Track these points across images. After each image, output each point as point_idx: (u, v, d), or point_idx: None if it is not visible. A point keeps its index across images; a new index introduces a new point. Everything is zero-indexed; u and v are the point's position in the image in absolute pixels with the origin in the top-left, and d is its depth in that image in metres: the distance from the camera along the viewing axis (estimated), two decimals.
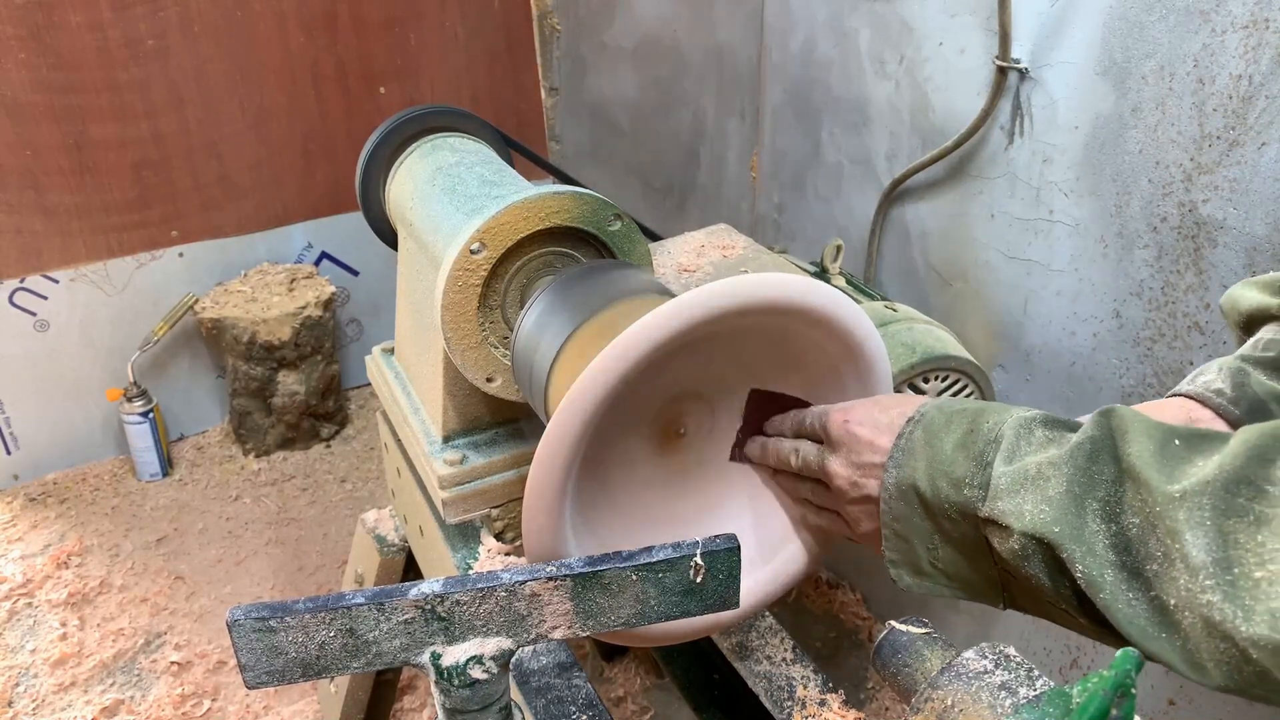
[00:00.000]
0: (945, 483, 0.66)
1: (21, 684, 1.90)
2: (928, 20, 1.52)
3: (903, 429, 0.71)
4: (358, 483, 2.48)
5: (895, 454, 0.70)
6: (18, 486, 2.44)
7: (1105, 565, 0.58)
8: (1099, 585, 0.58)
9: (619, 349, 0.70)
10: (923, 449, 0.68)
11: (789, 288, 0.75)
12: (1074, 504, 0.59)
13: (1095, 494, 0.59)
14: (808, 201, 1.91)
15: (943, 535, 0.69)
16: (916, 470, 0.68)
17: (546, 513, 0.74)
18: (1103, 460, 0.59)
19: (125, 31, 2.21)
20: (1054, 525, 0.59)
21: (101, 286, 2.39)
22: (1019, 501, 0.62)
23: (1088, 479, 0.59)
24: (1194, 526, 0.53)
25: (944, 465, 0.67)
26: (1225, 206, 1.17)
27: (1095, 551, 0.58)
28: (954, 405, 0.70)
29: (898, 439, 0.70)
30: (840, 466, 0.74)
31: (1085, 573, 0.58)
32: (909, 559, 0.71)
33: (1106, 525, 0.58)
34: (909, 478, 0.69)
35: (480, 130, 1.26)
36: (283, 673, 0.61)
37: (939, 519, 0.68)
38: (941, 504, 0.67)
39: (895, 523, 0.71)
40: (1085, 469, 0.60)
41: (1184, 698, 1.39)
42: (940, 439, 0.68)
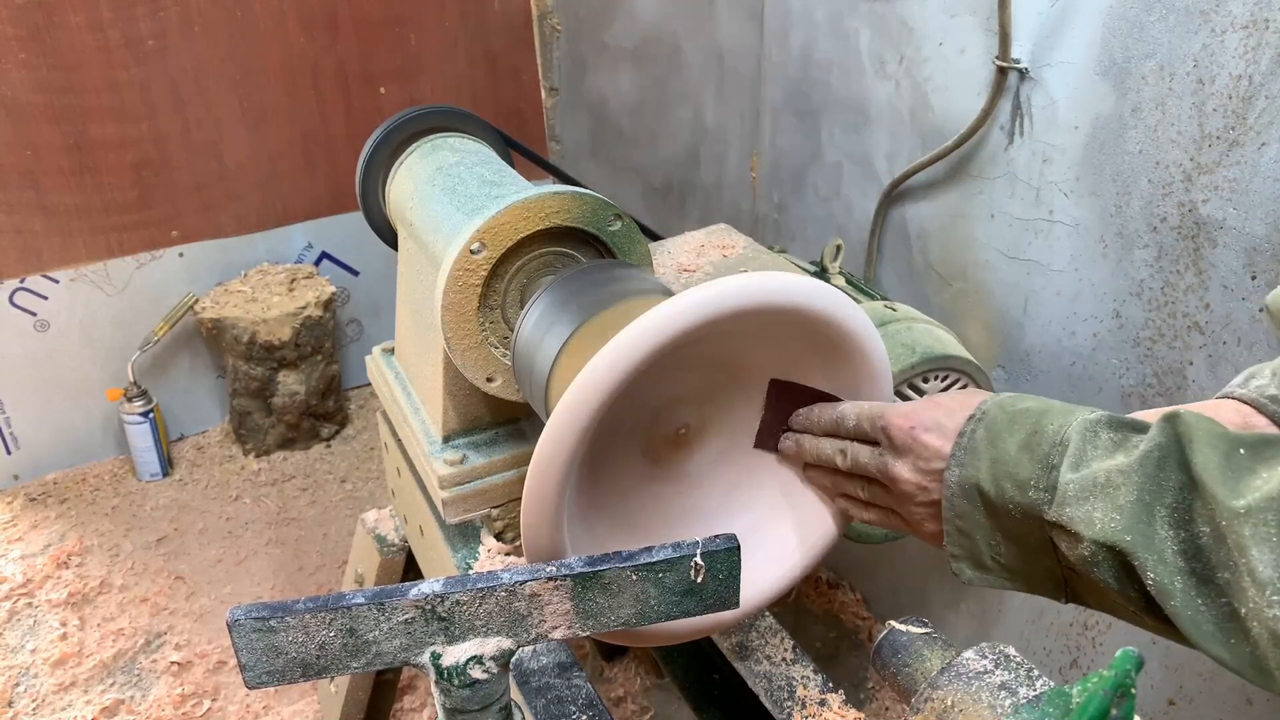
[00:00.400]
0: (1010, 484, 0.66)
1: (22, 684, 1.90)
2: (928, 20, 1.52)
3: (964, 427, 0.71)
4: (358, 483, 2.48)
5: (958, 452, 0.70)
6: (18, 486, 2.44)
7: (1175, 572, 0.58)
8: (1169, 593, 0.58)
9: (619, 349, 0.69)
10: (985, 448, 0.69)
11: (789, 288, 0.75)
12: (1144, 512, 0.60)
13: (1164, 501, 0.59)
14: (808, 201, 1.91)
15: (1005, 533, 0.69)
16: (979, 470, 0.68)
17: (546, 512, 0.74)
18: (1170, 468, 0.60)
19: (125, 31, 2.21)
20: (1125, 534, 0.60)
21: (102, 286, 2.39)
22: (1088, 509, 0.62)
23: (1157, 487, 0.60)
24: (1259, 542, 0.54)
25: (1008, 466, 0.67)
26: (1225, 206, 1.17)
27: (1165, 559, 0.58)
28: (1017, 404, 0.70)
29: (959, 437, 0.70)
30: (907, 472, 0.74)
31: (1156, 580, 0.59)
32: (971, 554, 0.71)
33: (1176, 532, 0.58)
34: (972, 477, 0.69)
35: (480, 130, 1.26)
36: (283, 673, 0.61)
37: (1002, 518, 0.68)
38: (1005, 504, 0.67)
39: (958, 519, 0.71)
40: (1154, 476, 0.60)
41: (1183, 698, 1.39)
42: (1004, 439, 0.68)
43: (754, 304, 0.73)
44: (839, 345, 0.81)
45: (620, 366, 0.70)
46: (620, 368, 0.70)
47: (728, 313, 0.72)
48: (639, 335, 0.70)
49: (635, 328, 0.70)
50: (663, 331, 0.70)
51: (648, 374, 0.72)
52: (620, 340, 0.70)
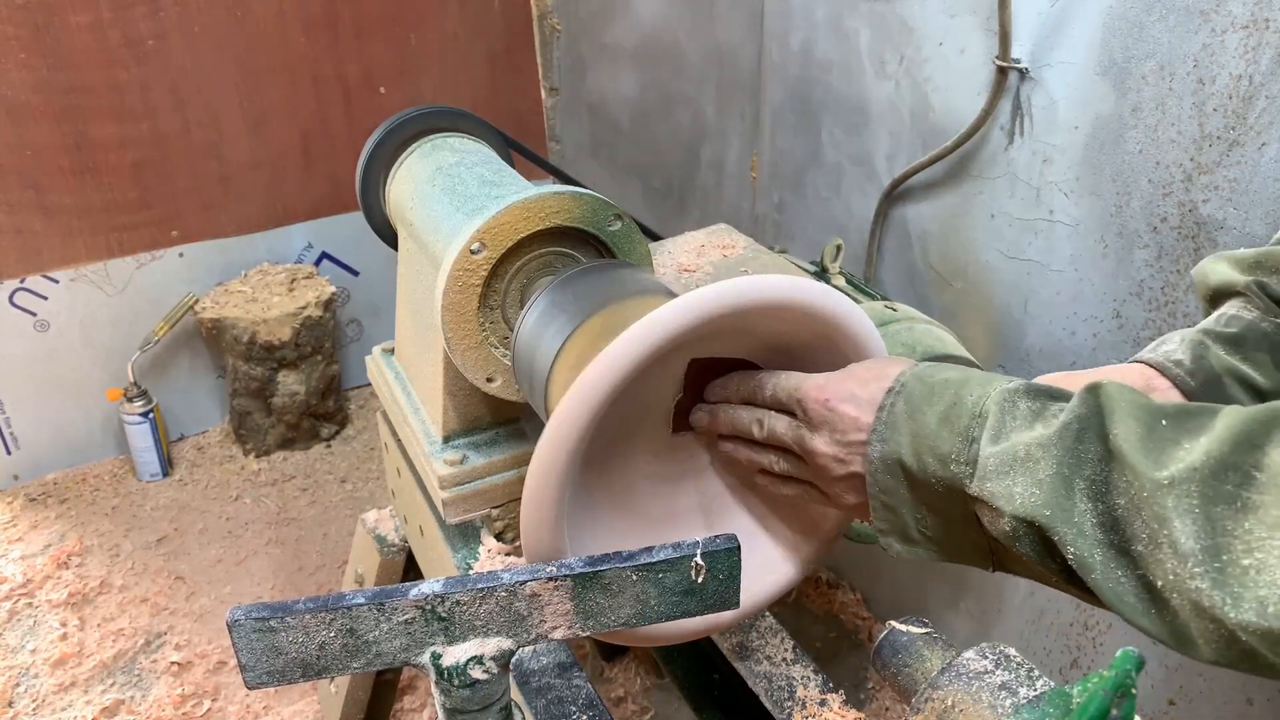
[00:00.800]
0: (931, 458, 0.66)
1: (22, 684, 1.90)
2: (928, 20, 1.52)
3: (884, 400, 0.70)
4: (358, 483, 2.48)
5: (879, 427, 0.69)
6: (18, 486, 2.44)
7: (1094, 545, 0.58)
8: (1089, 566, 0.58)
9: (619, 349, 0.70)
10: (905, 422, 0.68)
11: (789, 288, 0.75)
12: (1063, 485, 0.59)
13: (1082, 473, 0.59)
14: (808, 201, 1.91)
15: (929, 507, 0.69)
16: (901, 444, 0.68)
17: (546, 513, 0.74)
18: (1089, 439, 0.59)
19: (125, 31, 2.21)
20: (1044, 509, 0.59)
21: (101, 286, 2.39)
22: (1008, 484, 0.61)
23: (1075, 459, 0.59)
24: (1182, 514, 0.54)
25: (928, 440, 0.66)
26: (1225, 206, 1.17)
27: (1084, 532, 0.58)
28: (934, 375, 0.70)
29: (879, 411, 0.70)
30: (824, 445, 0.73)
31: (1076, 554, 0.58)
32: (897, 528, 0.71)
33: (1094, 504, 0.58)
34: (894, 452, 0.68)
35: (480, 130, 1.26)
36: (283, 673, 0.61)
37: (925, 491, 0.68)
38: (928, 478, 0.67)
39: (882, 494, 0.70)
40: (1073, 449, 0.59)
41: (1184, 698, 1.39)
42: (923, 412, 0.67)
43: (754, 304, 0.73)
44: (839, 345, 0.81)
45: (620, 367, 0.70)
46: (620, 368, 0.70)
47: (728, 313, 0.72)
48: (639, 336, 0.70)
49: (635, 329, 0.70)
50: (662, 332, 0.70)
51: (647, 374, 0.72)
52: (621, 341, 0.70)
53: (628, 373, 0.70)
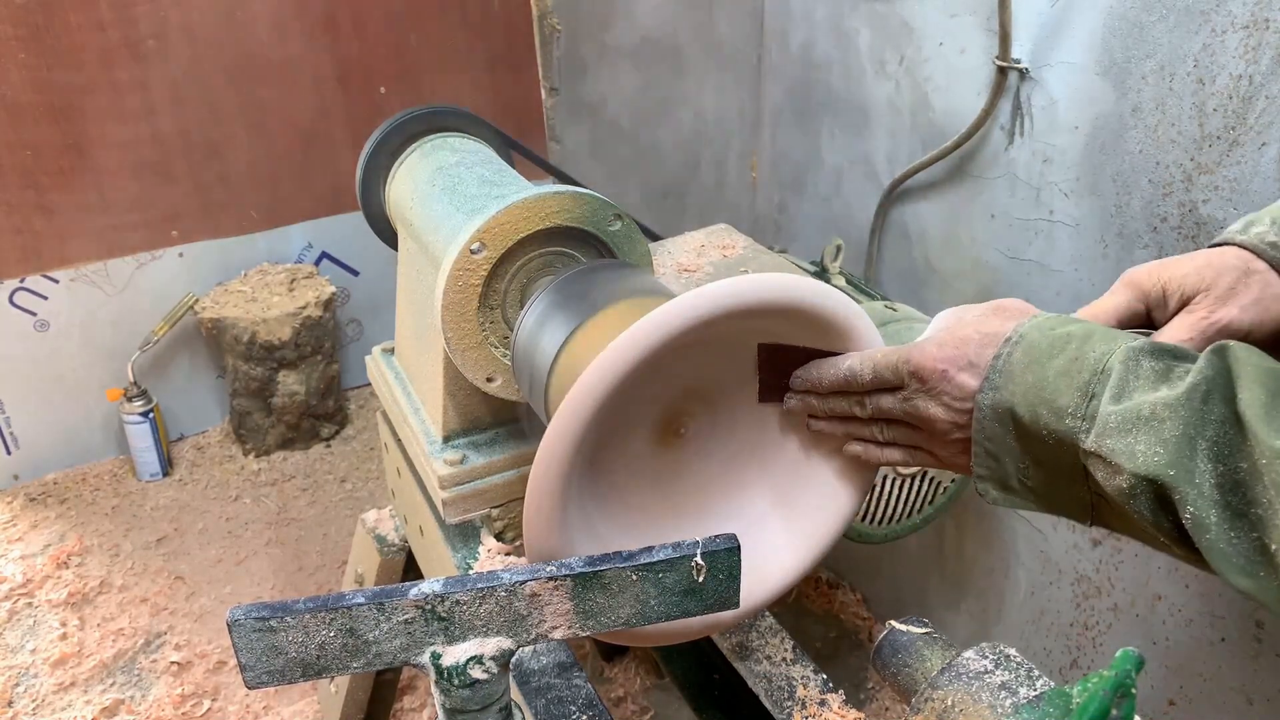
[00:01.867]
0: (1046, 410, 0.66)
1: (21, 684, 1.90)
2: (928, 20, 1.52)
3: (1000, 349, 0.70)
4: (358, 483, 2.48)
5: (992, 376, 0.69)
6: (18, 486, 2.44)
7: (1212, 505, 0.58)
8: (1205, 526, 0.58)
9: (619, 349, 0.69)
10: (1022, 373, 0.68)
11: (789, 288, 0.75)
12: (1188, 446, 0.59)
13: (1205, 434, 0.59)
14: (808, 201, 1.91)
15: (1035, 458, 0.68)
16: (1014, 394, 0.68)
17: (547, 512, 0.74)
18: (1215, 401, 0.59)
19: (125, 31, 2.21)
20: (1169, 468, 0.59)
21: (101, 286, 2.39)
22: (1130, 441, 0.61)
23: (1200, 420, 0.59)
24: None
25: (1045, 392, 0.66)
26: (1225, 206, 1.17)
27: (1204, 493, 0.58)
28: (1057, 327, 0.69)
29: (995, 359, 0.69)
30: (940, 411, 0.73)
31: (1195, 513, 0.59)
32: (997, 476, 0.71)
33: (1214, 466, 0.58)
34: (1006, 401, 0.68)
35: (480, 130, 1.26)
36: (283, 673, 0.61)
37: (1034, 442, 0.67)
38: (1040, 430, 0.66)
39: (988, 441, 0.70)
40: (1199, 410, 0.60)
41: (1184, 698, 1.39)
42: (1042, 364, 0.67)
43: (755, 304, 0.73)
44: (840, 345, 0.81)
45: (621, 367, 0.70)
46: (621, 368, 0.70)
47: (729, 312, 0.72)
48: (640, 335, 0.70)
49: (636, 328, 0.70)
50: (663, 331, 0.70)
51: (648, 375, 0.72)
52: (621, 340, 0.70)
53: (628, 372, 0.70)
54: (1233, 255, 0.78)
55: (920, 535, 1.42)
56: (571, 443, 0.71)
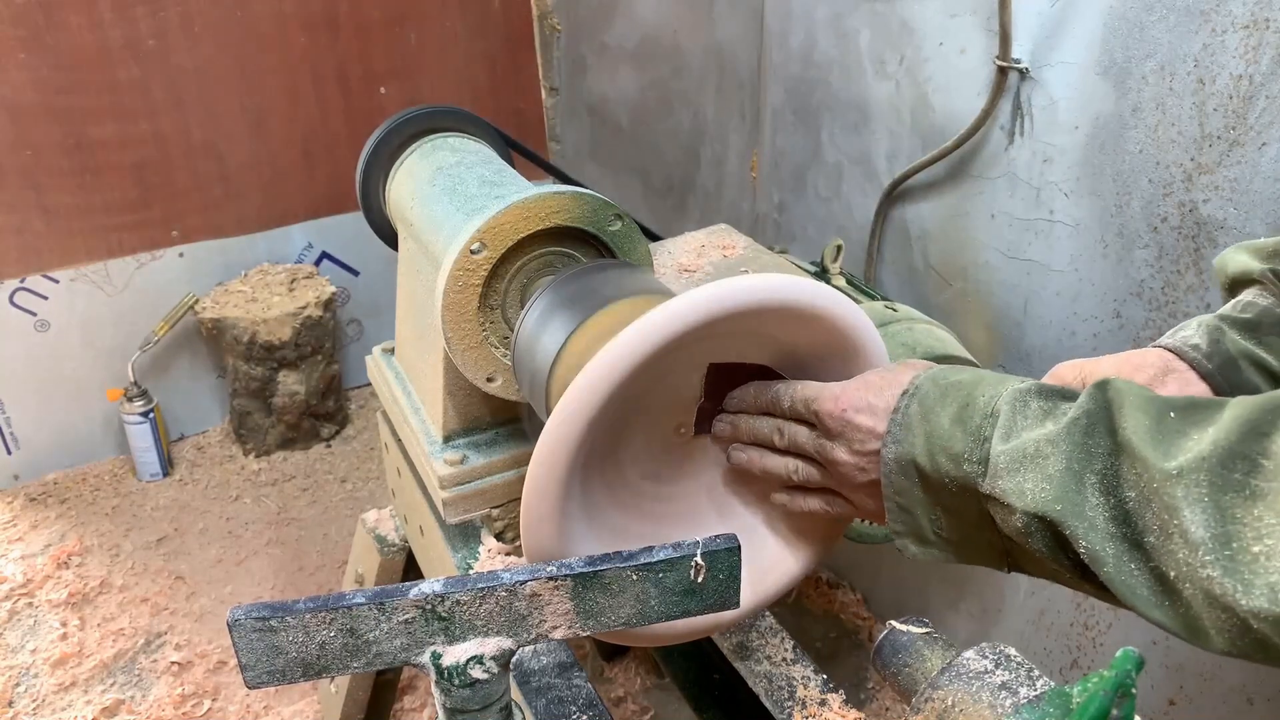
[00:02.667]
0: (944, 458, 0.67)
1: (22, 684, 1.90)
2: (928, 20, 1.52)
3: (898, 403, 0.71)
4: (358, 483, 2.48)
5: (893, 429, 0.70)
6: (18, 486, 2.44)
7: (1106, 539, 0.58)
8: (1101, 560, 0.58)
9: (618, 349, 0.70)
10: (919, 424, 0.69)
11: (789, 288, 0.75)
12: (1074, 480, 0.60)
13: (1093, 467, 0.59)
14: (808, 201, 1.91)
15: (944, 507, 0.69)
16: (915, 445, 0.69)
17: (547, 512, 0.74)
18: (1098, 433, 0.60)
19: (125, 31, 2.21)
20: (1055, 504, 0.60)
21: (102, 286, 2.39)
22: (1019, 480, 0.62)
23: (1085, 454, 0.60)
24: (1192, 503, 0.54)
25: (942, 440, 0.67)
26: (1226, 206, 1.17)
27: (1096, 526, 0.59)
28: (947, 377, 0.70)
29: (894, 413, 0.71)
30: (844, 454, 0.74)
31: (1088, 548, 0.59)
32: (913, 529, 0.72)
33: (1105, 498, 0.59)
34: (908, 453, 0.69)
35: (480, 130, 1.26)
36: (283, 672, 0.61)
37: (940, 492, 0.68)
38: (942, 478, 0.67)
39: (897, 496, 0.71)
40: (1082, 444, 0.60)
41: (1184, 698, 1.39)
42: (936, 414, 0.68)
43: (755, 304, 0.73)
44: (840, 346, 0.81)
45: (621, 366, 0.70)
46: (620, 368, 0.70)
47: (729, 313, 0.72)
48: (640, 335, 0.70)
49: (636, 327, 0.70)
50: (663, 331, 0.70)
51: (648, 374, 0.72)
52: (621, 340, 0.70)
53: (628, 372, 0.70)
54: (1154, 355, 0.82)
55: None
56: (571, 442, 0.71)
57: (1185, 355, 0.81)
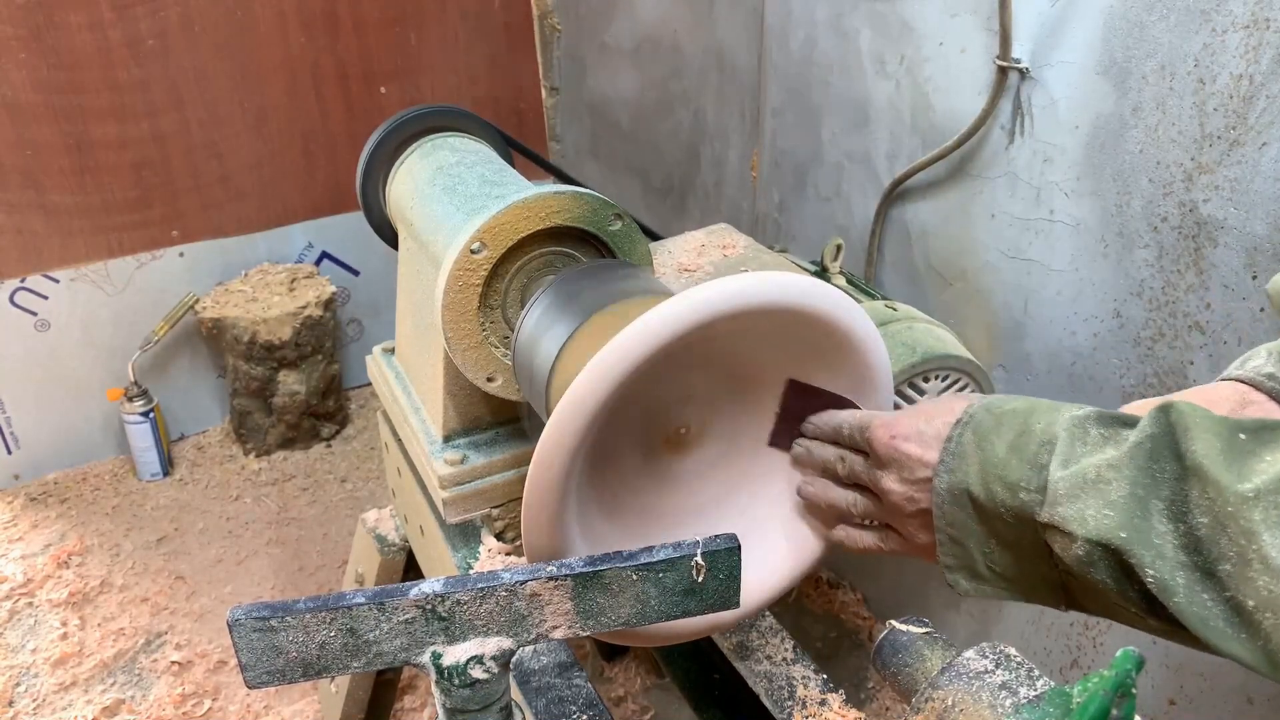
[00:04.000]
0: (1000, 486, 0.65)
1: (22, 683, 1.90)
2: (928, 20, 1.52)
3: (951, 432, 0.69)
4: (358, 483, 2.48)
5: (945, 458, 0.68)
6: (18, 486, 2.44)
7: (1176, 567, 0.56)
8: (1171, 590, 0.56)
9: (619, 348, 0.69)
10: (974, 452, 0.67)
11: (790, 288, 0.75)
12: (1139, 506, 0.57)
13: (1159, 494, 0.57)
14: (808, 201, 1.91)
15: (998, 539, 0.67)
16: (969, 474, 0.67)
17: (547, 512, 0.74)
18: (1164, 458, 0.57)
19: (125, 31, 2.21)
20: (1120, 530, 0.58)
21: (102, 286, 2.39)
22: (1080, 507, 0.60)
23: (1151, 479, 0.57)
24: (1271, 526, 0.52)
25: (997, 469, 0.65)
26: (1226, 206, 1.17)
27: (1165, 554, 0.56)
28: (1003, 405, 0.68)
29: (947, 442, 0.69)
30: (894, 484, 0.73)
31: (1156, 577, 0.56)
32: (965, 563, 0.70)
33: (1174, 525, 0.56)
34: (961, 482, 0.67)
35: (480, 130, 1.26)
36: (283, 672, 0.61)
37: (994, 522, 0.66)
38: (996, 508, 0.65)
39: (949, 528, 0.69)
40: (1147, 468, 0.58)
41: (1184, 697, 1.39)
42: (991, 441, 0.66)
43: (755, 303, 0.73)
44: (840, 345, 0.81)
45: (621, 365, 0.70)
46: (621, 367, 0.70)
47: (729, 312, 0.72)
48: (640, 334, 0.69)
49: (636, 327, 0.70)
50: (663, 330, 0.70)
51: (648, 374, 0.72)
52: (621, 339, 0.70)
53: (628, 371, 0.70)
54: (1228, 388, 0.78)
55: None
56: (571, 442, 0.71)
57: (1262, 386, 0.76)
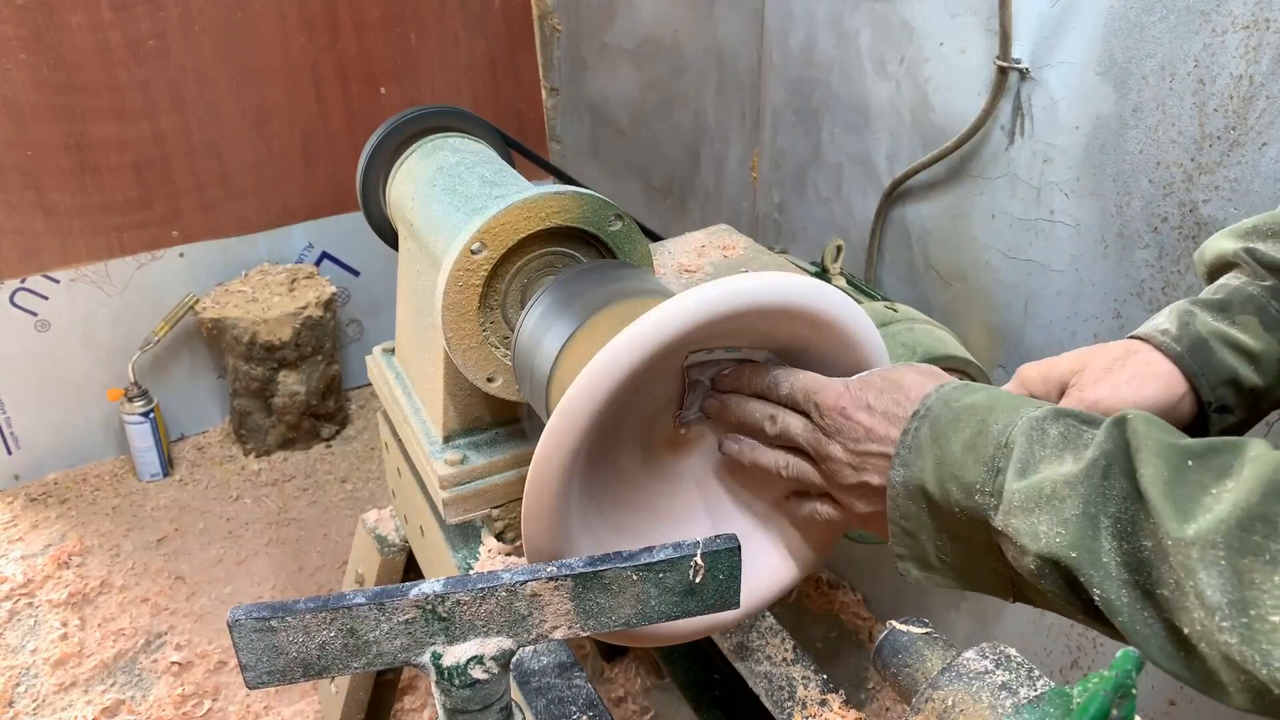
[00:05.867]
0: (955, 486, 0.65)
1: (22, 684, 1.90)
2: (928, 20, 1.52)
3: (909, 424, 0.69)
4: (358, 483, 2.48)
5: (901, 451, 0.68)
6: (18, 486, 2.44)
7: (1121, 585, 0.57)
8: (1116, 608, 0.57)
9: (619, 349, 0.69)
10: (929, 447, 0.67)
11: (790, 288, 0.75)
12: (1089, 525, 0.58)
13: (1108, 511, 0.58)
14: (808, 201, 1.91)
15: (951, 535, 0.68)
16: (924, 470, 0.67)
17: (547, 512, 0.74)
18: (1115, 475, 0.58)
19: (125, 31, 2.21)
20: (1070, 550, 0.58)
21: (102, 286, 2.39)
22: (1033, 522, 0.60)
23: (1101, 497, 0.58)
24: (1208, 566, 0.52)
25: (953, 468, 0.65)
26: (1226, 206, 1.17)
27: (1110, 573, 0.57)
28: (960, 399, 0.68)
29: (904, 434, 0.69)
30: (838, 451, 0.72)
31: (1102, 595, 0.57)
32: (916, 554, 0.70)
33: (1119, 544, 0.57)
34: (916, 478, 0.67)
35: (480, 130, 1.26)
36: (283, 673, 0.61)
37: (947, 519, 0.67)
38: (951, 507, 0.65)
39: (903, 520, 0.69)
40: (1099, 486, 0.58)
41: (1184, 698, 1.39)
42: (948, 438, 0.66)
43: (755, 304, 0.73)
44: (840, 346, 0.81)
45: (621, 366, 0.70)
46: (621, 367, 0.70)
47: (729, 312, 0.72)
48: (640, 335, 0.69)
49: (636, 327, 0.70)
50: (664, 331, 0.70)
51: (648, 374, 0.72)
52: (621, 340, 0.70)
53: (628, 371, 0.70)
54: (1118, 344, 0.82)
55: None
56: (571, 443, 0.71)
57: (1152, 339, 0.81)
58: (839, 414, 0.72)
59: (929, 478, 0.66)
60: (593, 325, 0.84)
